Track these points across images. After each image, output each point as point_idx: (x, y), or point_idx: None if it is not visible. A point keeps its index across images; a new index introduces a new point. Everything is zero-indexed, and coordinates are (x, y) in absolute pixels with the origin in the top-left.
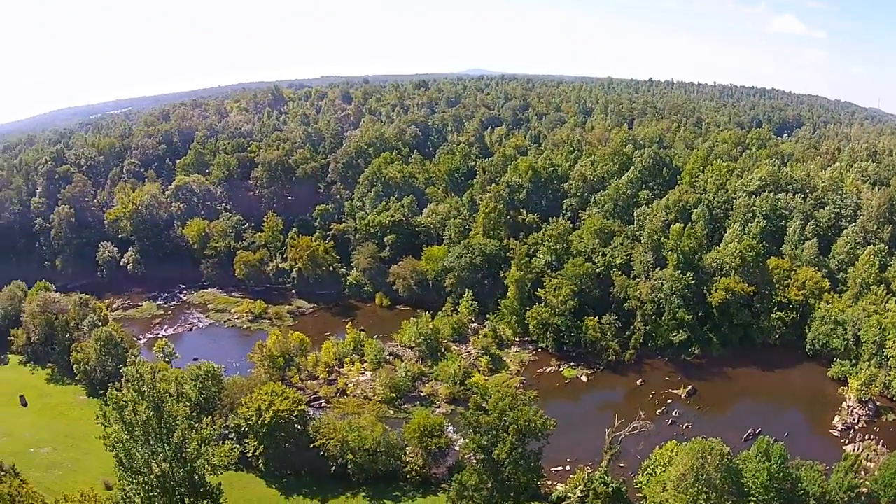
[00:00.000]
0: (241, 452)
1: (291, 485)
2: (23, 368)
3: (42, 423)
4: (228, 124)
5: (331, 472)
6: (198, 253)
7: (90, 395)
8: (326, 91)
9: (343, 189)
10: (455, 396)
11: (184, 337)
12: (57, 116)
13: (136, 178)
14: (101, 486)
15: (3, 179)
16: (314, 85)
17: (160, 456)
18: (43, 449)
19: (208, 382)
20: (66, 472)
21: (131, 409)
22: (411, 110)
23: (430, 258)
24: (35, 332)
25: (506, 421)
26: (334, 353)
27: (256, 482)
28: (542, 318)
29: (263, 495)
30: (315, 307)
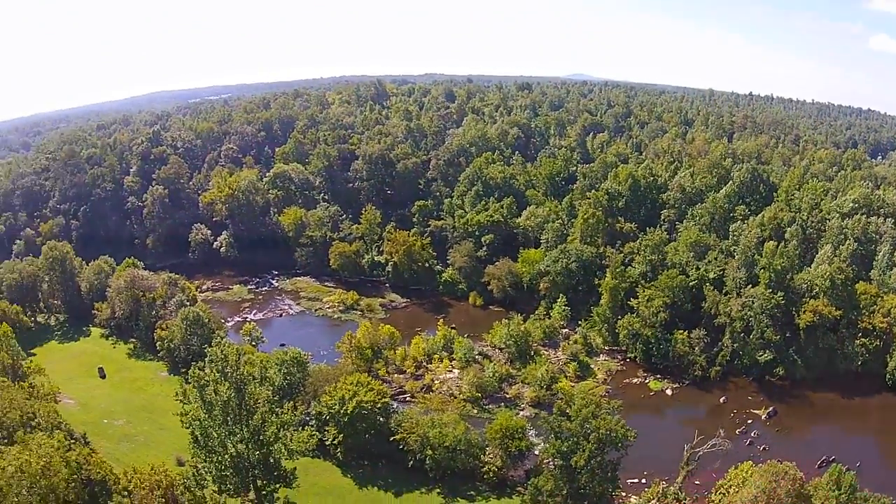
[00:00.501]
0: (319, 440)
1: (367, 475)
2: (104, 341)
3: (119, 396)
4: (330, 115)
5: (408, 466)
6: (293, 241)
7: (171, 373)
8: (430, 88)
9: (443, 186)
10: (540, 400)
11: (273, 322)
12: (153, 99)
13: (234, 164)
14: (173, 461)
15: (97, 157)
16: (418, 81)
17: (237, 437)
18: (117, 421)
19: (294, 368)
20: (138, 445)
21: (212, 388)
22: (514, 112)
23: (526, 261)
24: (120, 307)
25: (587, 429)
26: (423, 349)
27: (332, 470)
28: (633, 329)
29: (338, 483)
30: (408, 302)
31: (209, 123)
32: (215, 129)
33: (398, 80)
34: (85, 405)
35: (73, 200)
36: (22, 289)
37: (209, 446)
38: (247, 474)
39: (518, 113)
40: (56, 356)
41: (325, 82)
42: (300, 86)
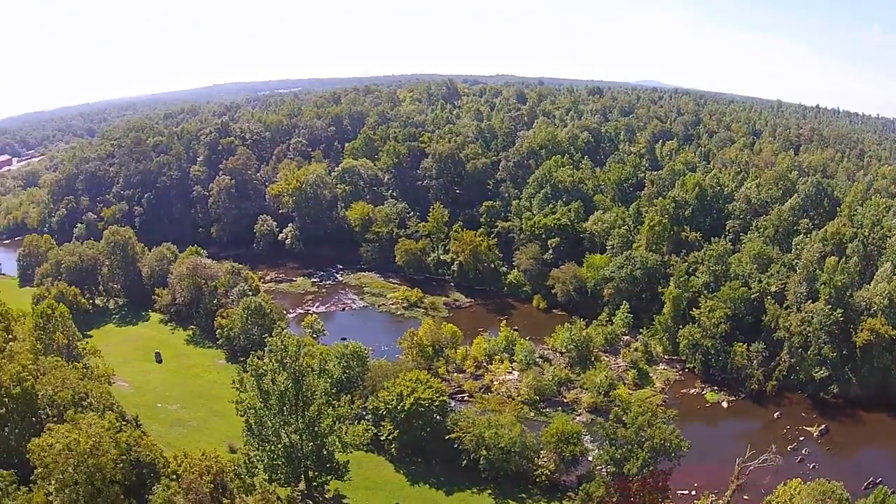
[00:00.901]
0: (374, 435)
1: (420, 472)
2: (163, 327)
3: (174, 381)
4: (400, 113)
5: (461, 466)
6: (359, 236)
7: (229, 361)
8: (501, 89)
9: (512, 188)
10: (597, 406)
11: (335, 316)
12: (222, 90)
13: (302, 157)
14: (226, 448)
15: (164, 145)
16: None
17: (292, 427)
18: (171, 405)
19: (353, 362)
20: (190, 431)
21: (270, 378)
22: (585, 116)
23: (591, 265)
24: (181, 293)
25: (642, 437)
26: (485, 349)
27: (385, 465)
28: (694, 339)
29: (390, 479)
30: (472, 302)
31: (279, 116)
32: (285, 121)
33: (469, 81)
34: (139, 388)
35: (137, 187)
36: (81, 271)
37: (263, 435)
38: (299, 465)
39: (588, 117)
40: (113, 339)
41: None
42: (371, 82)
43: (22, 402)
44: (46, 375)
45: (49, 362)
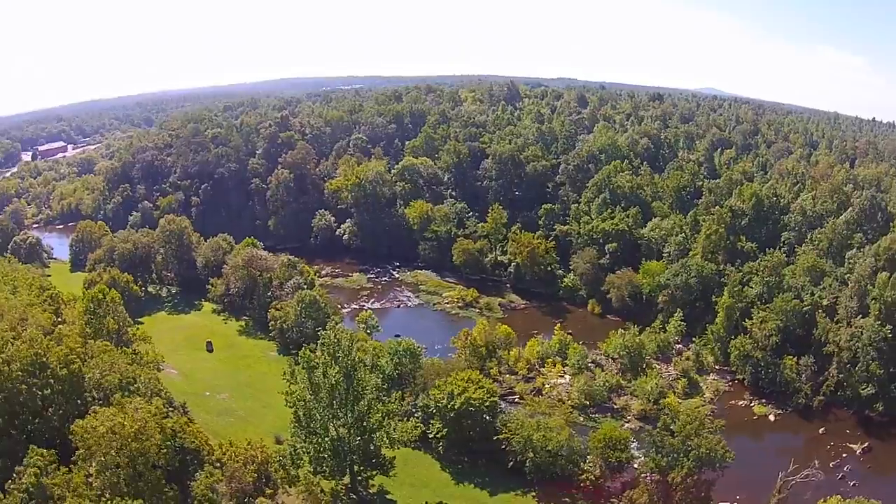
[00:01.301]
0: (423, 432)
1: (465, 472)
2: (215, 317)
3: (224, 371)
4: (461, 113)
5: (507, 467)
6: (417, 234)
7: (281, 353)
8: (562, 92)
9: (571, 192)
10: (646, 414)
11: (390, 312)
12: (282, 84)
13: (362, 153)
14: (272, 439)
15: (222, 137)
16: (550, 85)
17: (340, 421)
18: (220, 394)
19: (406, 359)
20: (237, 420)
21: (321, 371)
22: (645, 122)
23: (647, 272)
24: (235, 284)
25: (689, 446)
26: (538, 352)
27: (432, 463)
28: (745, 350)
29: (435, 477)
30: (527, 304)
31: (339, 112)
32: (345, 118)
33: (531, 83)
34: (188, 376)
35: (194, 178)
36: (135, 259)
37: (311, 427)
38: (345, 458)
39: (649, 123)
40: (164, 327)
41: (457, 79)
42: (433, 81)
43: (68, 384)
44: (94, 359)
45: (98, 346)
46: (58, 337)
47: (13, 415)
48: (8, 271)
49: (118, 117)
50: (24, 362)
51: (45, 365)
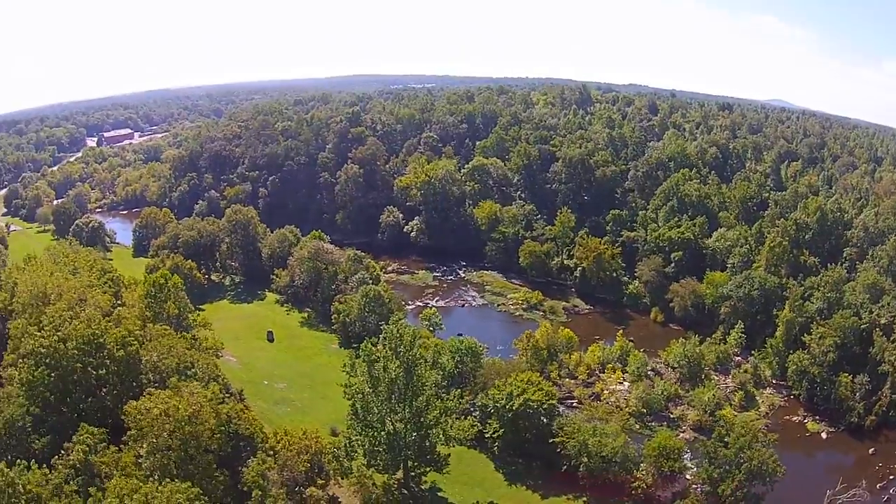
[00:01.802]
0: (479, 431)
1: (519, 473)
2: (278, 307)
3: (284, 361)
4: (533, 115)
5: (561, 470)
6: (484, 234)
7: (342, 346)
8: (633, 99)
9: (639, 198)
10: (702, 425)
11: (454, 311)
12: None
13: (433, 152)
14: (328, 431)
15: (292, 131)
16: (622, 91)
17: (398, 415)
18: (278, 384)
19: (467, 358)
20: (294, 410)
21: (382, 365)
22: (714, 131)
23: (711, 282)
24: (300, 276)
25: (741, 458)
26: (599, 358)
27: (486, 463)
28: (802, 365)
29: (488, 477)
30: (591, 309)
31: (411, 110)
32: (417, 116)
33: (603, 88)
34: (247, 365)
35: (262, 169)
36: (199, 247)
37: (367, 420)
38: (399, 453)
39: (718, 133)
40: (225, 315)
41: (529, 82)
42: (505, 83)
43: (124, 366)
44: (152, 342)
45: (156, 330)
46: (116, 319)
47: (66, 392)
48: (68, 252)
49: (186, 107)
50: (80, 341)
51: (101, 345)
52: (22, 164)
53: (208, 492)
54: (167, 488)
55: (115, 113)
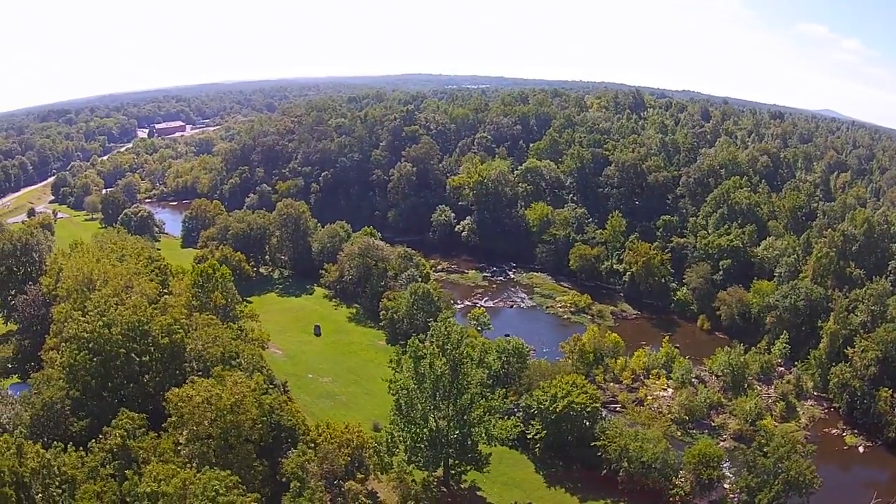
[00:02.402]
0: (521, 432)
1: (558, 476)
2: (326, 302)
3: (329, 355)
4: (587, 119)
5: (601, 474)
6: (535, 236)
7: (389, 343)
8: (686, 105)
9: (690, 204)
10: (742, 434)
11: (502, 312)
12: (408, 79)
13: (486, 152)
14: (370, 426)
15: (346, 127)
16: (675, 96)
17: (441, 413)
18: (323, 378)
19: (513, 358)
20: (337, 404)
21: (428, 361)
22: (765, 139)
23: (757, 291)
24: (349, 271)
25: (779, 468)
26: (644, 363)
27: (526, 464)
28: (844, 378)
29: (528, 478)
30: (638, 314)
31: (465, 110)
32: (471, 116)
33: (656, 94)
34: (292, 358)
35: (315, 165)
36: (248, 239)
37: (411, 417)
38: (441, 450)
39: (769, 141)
40: (273, 307)
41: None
42: (559, 86)
43: (168, 353)
44: (198, 331)
45: (202, 319)
46: (163, 307)
47: (107, 377)
48: (116, 240)
49: (239, 101)
50: (125, 327)
51: (146, 332)
52: (71, 153)
53: (247, 481)
54: (206, 475)
55: (167, 105)
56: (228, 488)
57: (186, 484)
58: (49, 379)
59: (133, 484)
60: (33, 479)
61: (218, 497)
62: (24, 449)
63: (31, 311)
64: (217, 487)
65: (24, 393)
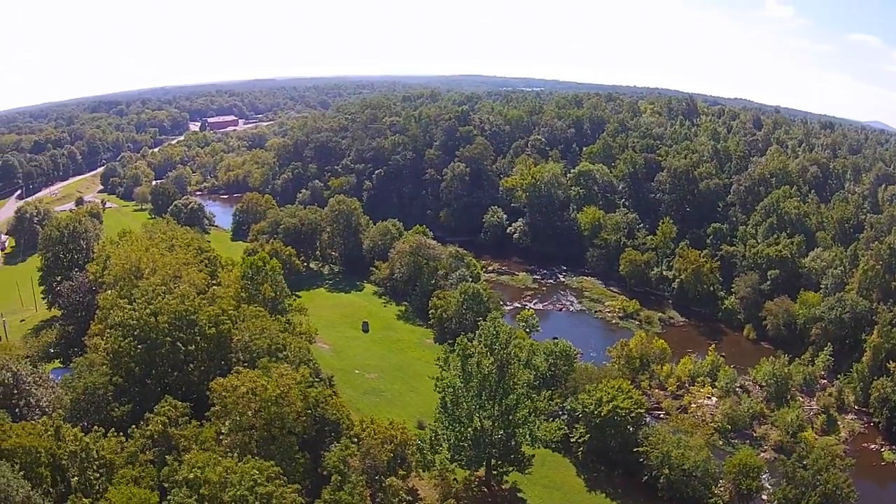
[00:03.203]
0: (565, 435)
1: (599, 480)
2: (375, 299)
3: (377, 352)
4: (640, 123)
5: (641, 481)
6: (586, 240)
7: (437, 341)
8: (738, 113)
9: (740, 213)
10: (783, 445)
11: (551, 315)
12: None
13: (540, 155)
14: (414, 423)
15: (400, 126)
16: (727, 104)
17: (486, 412)
18: (369, 374)
19: (560, 361)
20: (382, 401)
21: (476, 360)
22: (815, 149)
23: (804, 303)
24: (400, 269)
25: (817, 480)
26: (689, 371)
27: (568, 467)
28: (884, 393)
29: (569, 482)
30: (685, 321)
31: (519, 111)
32: (525, 118)
33: (709, 101)
34: (339, 353)
35: (368, 162)
36: (299, 234)
37: (456, 415)
38: (484, 450)
39: (819, 151)
40: (322, 303)
41: (638, 90)
42: (612, 90)
43: (214, 343)
44: (245, 322)
45: (250, 311)
46: (211, 297)
47: (151, 365)
48: (165, 230)
49: (293, 97)
50: (172, 316)
51: (193, 322)
52: (121, 144)
53: (288, 473)
54: (248, 464)
55: (219, 99)
56: (270, 478)
57: (228, 472)
58: (92, 364)
59: (172, 470)
60: (70, 461)
61: (257, 486)
62: (63, 432)
63: (76, 297)
64: (257, 477)
65: (65, 377)
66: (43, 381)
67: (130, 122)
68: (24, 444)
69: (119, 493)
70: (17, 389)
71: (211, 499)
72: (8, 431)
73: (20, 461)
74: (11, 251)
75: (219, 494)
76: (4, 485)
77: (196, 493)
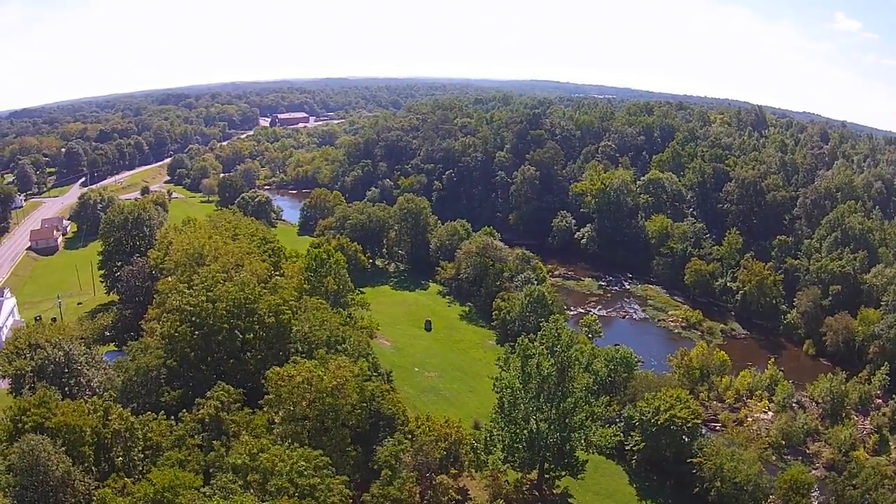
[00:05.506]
0: (620, 442)
1: (651, 490)
2: (440, 298)
3: (438, 351)
4: (709, 133)
5: (692, 492)
6: (653, 248)
7: (499, 343)
8: (806, 126)
9: (805, 226)
10: (834, 464)
11: (614, 322)
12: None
13: (610, 161)
14: (470, 423)
15: (471, 128)
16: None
17: (543, 415)
18: (428, 372)
19: (620, 368)
20: (440, 399)
21: (536, 361)
22: (881, 165)
23: (864, 320)
24: (466, 270)
25: (866, 500)
26: (748, 384)
27: (620, 475)
28: None
29: (621, 489)
30: (747, 334)
31: (590, 117)
32: (595, 124)
33: (778, 113)
34: (400, 350)
35: (438, 163)
36: (366, 231)
37: (512, 416)
38: (538, 453)
39: (884, 167)
40: (385, 300)
41: (707, 101)
42: (683, 100)
43: (273, 333)
44: (306, 313)
45: (312, 302)
46: (273, 287)
47: (208, 351)
48: (230, 219)
49: (364, 97)
50: (231, 304)
51: (252, 311)
52: (189, 136)
53: (338, 465)
54: (296, 452)
55: (290, 96)
56: (318, 468)
57: (275, 459)
58: (147, 347)
59: (219, 455)
60: (115, 440)
61: (300, 478)
62: (110, 412)
63: (136, 282)
64: (304, 467)
65: (118, 359)
66: (95, 363)
67: (199, 115)
68: (68, 422)
69: (162, 474)
70: (69, 369)
71: (255, 485)
72: (54, 409)
73: (64, 439)
74: (73, 236)
75: (265, 481)
76: (45, 459)
77: (242, 479)
